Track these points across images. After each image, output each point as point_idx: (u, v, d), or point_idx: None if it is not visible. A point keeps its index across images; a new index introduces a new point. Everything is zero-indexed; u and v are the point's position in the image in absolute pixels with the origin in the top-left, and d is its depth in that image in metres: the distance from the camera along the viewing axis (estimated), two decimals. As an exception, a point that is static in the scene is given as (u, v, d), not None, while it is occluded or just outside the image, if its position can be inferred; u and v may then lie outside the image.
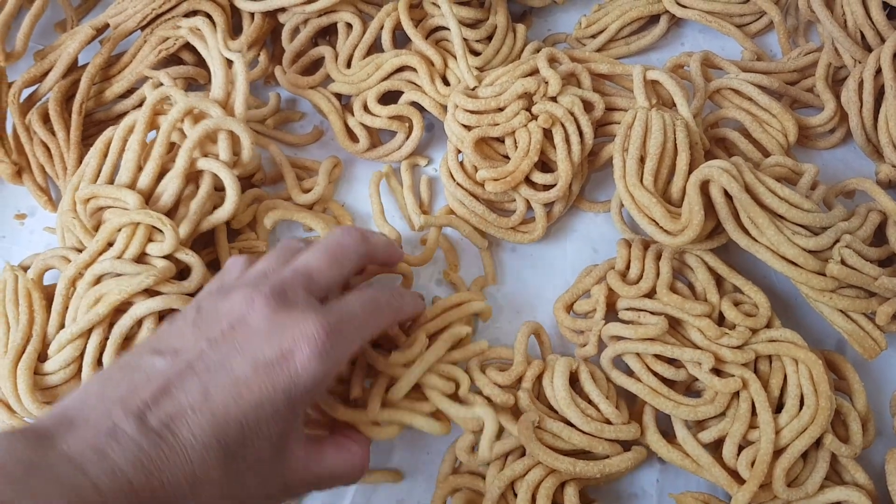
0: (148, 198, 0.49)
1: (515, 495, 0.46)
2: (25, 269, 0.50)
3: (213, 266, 0.52)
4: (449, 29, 0.58)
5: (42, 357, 0.47)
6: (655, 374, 0.49)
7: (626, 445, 0.48)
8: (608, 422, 0.47)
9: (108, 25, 0.59)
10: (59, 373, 0.47)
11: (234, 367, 0.35)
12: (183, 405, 0.34)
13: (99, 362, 0.47)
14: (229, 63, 0.53)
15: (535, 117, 0.54)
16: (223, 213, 0.50)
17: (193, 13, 0.60)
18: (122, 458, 0.31)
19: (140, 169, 0.50)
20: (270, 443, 0.35)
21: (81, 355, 0.47)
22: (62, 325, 0.48)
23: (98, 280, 0.48)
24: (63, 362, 0.46)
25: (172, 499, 0.32)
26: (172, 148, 0.51)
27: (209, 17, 0.60)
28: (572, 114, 0.54)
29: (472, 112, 0.54)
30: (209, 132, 0.50)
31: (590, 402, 0.48)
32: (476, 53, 0.61)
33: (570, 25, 0.65)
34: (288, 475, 0.38)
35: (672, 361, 0.49)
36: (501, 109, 0.54)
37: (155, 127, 0.52)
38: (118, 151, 0.52)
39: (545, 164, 0.56)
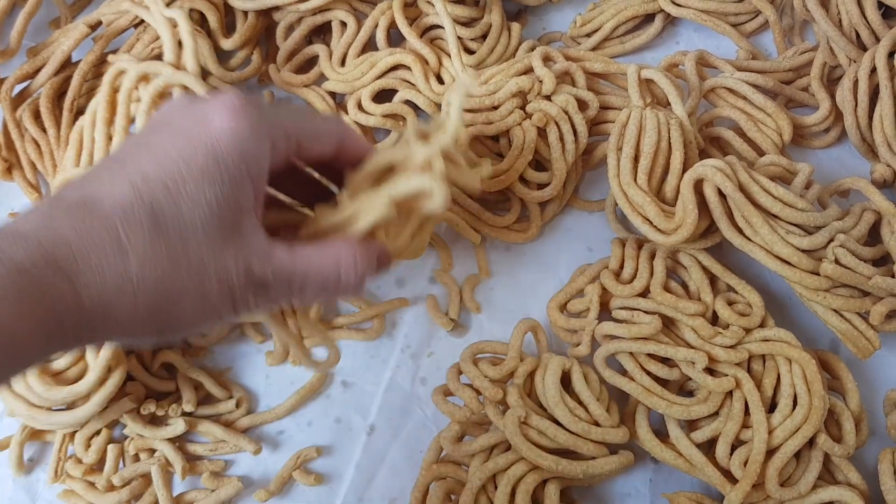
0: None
1: (496, 488, 0.46)
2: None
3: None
4: (443, 27, 0.58)
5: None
6: (649, 373, 0.49)
7: (614, 448, 0.48)
8: (597, 423, 0.47)
9: (101, 23, 0.59)
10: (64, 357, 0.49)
11: (154, 142, 0.34)
12: (102, 178, 0.33)
13: None
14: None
15: (529, 116, 0.54)
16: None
17: (187, 11, 0.60)
18: (32, 224, 0.31)
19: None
20: (210, 209, 0.33)
21: None
22: None
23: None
24: None
25: (97, 263, 0.31)
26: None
27: (202, 14, 0.60)
28: (566, 112, 0.54)
29: (466, 110, 0.54)
30: (161, 90, 0.50)
31: (580, 402, 0.48)
32: (471, 52, 0.60)
33: (565, 24, 0.65)
34: (252, 259, 0.34)
35: (665, 361, 0.49)
36: (496, 108, 0.54)
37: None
38: (92, 139, 0.52)
39: (539, 163, 0.56)
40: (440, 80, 0.59)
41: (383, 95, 0.59)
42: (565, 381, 0.49)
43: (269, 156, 0.35)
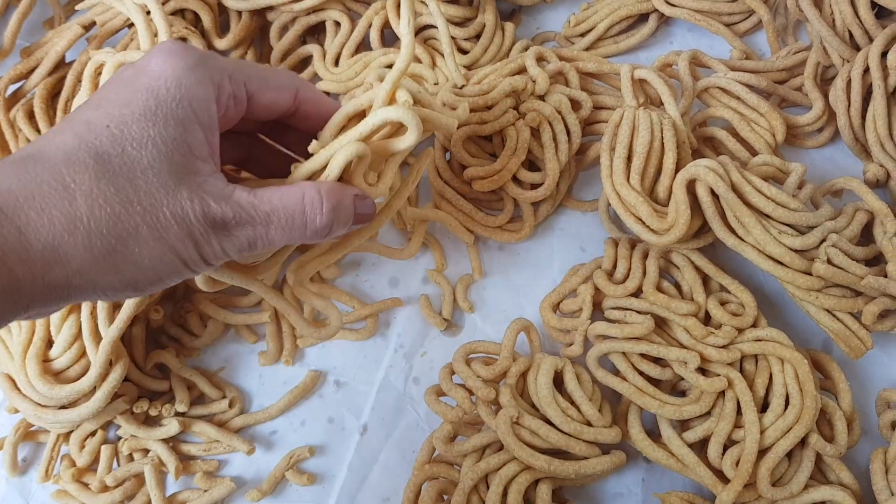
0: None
1: (488, 487, 0.46)
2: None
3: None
4: (437, 27, 0.58)
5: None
6: (641, 373, 0.49)
7: (606, 448, 0.48)
8: (589, 423, 0.47)
9: (94, 23, 0.59)
10: (64, 356, 0.49)
11: (98, 95, 0.34)
12: (48, 135, 0.33)
13: (97, 334, 0.48)
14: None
15: (522, 116, 0.54)
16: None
17: (180, 11, 0.60)
18: None
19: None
20: (157, 149, 0.33)
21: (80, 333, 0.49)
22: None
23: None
24: (65, 342, 0.48)
25: (43, 206, 0.31)
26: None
27: (196, 14, 0.60)
28: (560, 112, 0.54)
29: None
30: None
31: (573, 402, 0.48)
32: (464, 52, 0.60)
33: (558, 24, 0.65)
34: (208, 199, 0.34)
35: (658, 360, 0.49)
36: (489, 107, 0.54)
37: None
38: None
39: (532, 163, 0.56)
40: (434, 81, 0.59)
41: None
42: (558, 381, 0.49)
43: (217, 100, 0.35)
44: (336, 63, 0.60)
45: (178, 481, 0.51)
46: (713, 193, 0.48)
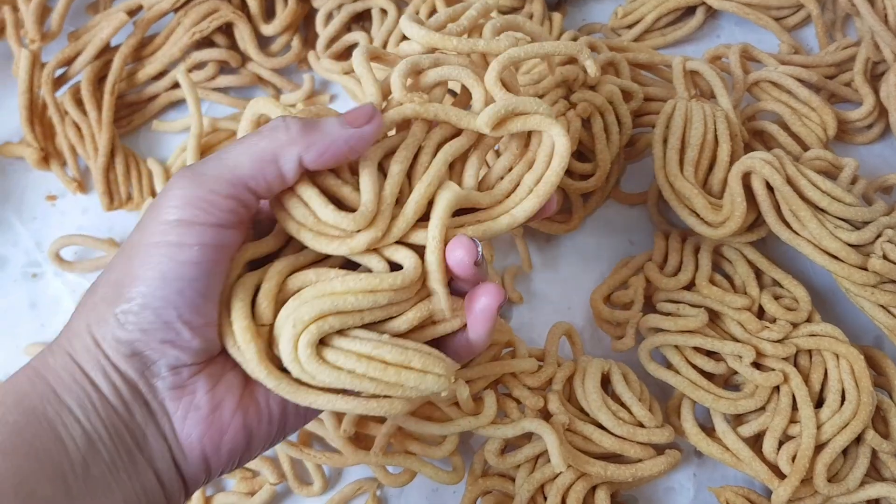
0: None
1: (545, 498, 0.46)
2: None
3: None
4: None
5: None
6: (694, 366, 0.48)
7: (659, 447, 0.47)
8: (641, 425, 0.47)
9: (141, 7, 0.58)
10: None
11: None
12: None
13: None
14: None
15: (573, 106, 0.53)
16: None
17: (229, -4, 0.60)
18: None
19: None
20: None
21: None
22: None
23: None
24: None
25: None
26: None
27: (243, 1, 0.60)
28: (612, 103, 0.53)
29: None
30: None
31: (622, 404, 0.47)
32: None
33: (604, 15, 0.65)
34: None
35: (711, 354, 0.49)
36: (540, 97, 0.54)
37: None
38: None
39: (582, 154, 0.55)
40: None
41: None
42: (604, 384, 0.48)
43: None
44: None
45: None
46: (768, 186, 0.48)
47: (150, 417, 0.31)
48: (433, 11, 0.59)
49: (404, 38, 0.59)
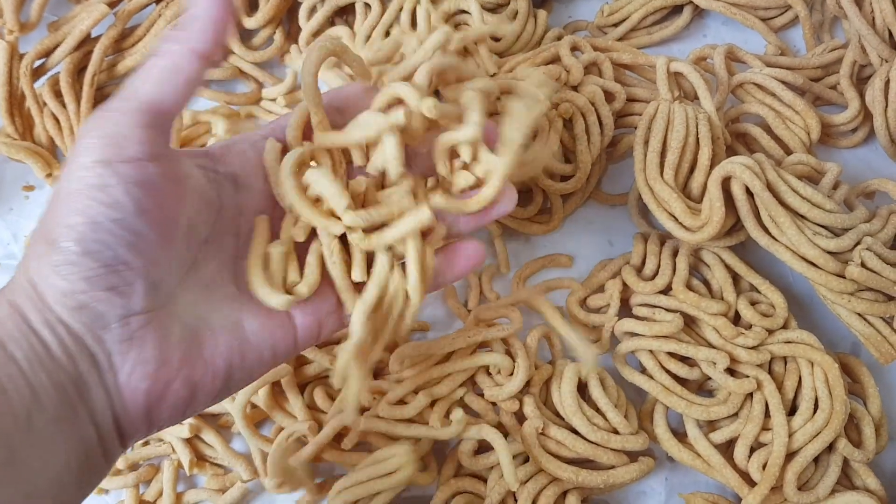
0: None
1: (516, 501, 0.46)
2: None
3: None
4: (470, 13, 0.57)
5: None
6: (668, 371, 0.48)
7: (633, 454, 0.47)
8: (616, 431, 0.47)
9: (121, -2, 0.58)
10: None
11: None
12: None
13: None
14: None
15: (555, 106, 0.53)
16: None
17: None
18: None
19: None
20: None
21: None
22: None
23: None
24: None
25: None
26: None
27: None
28: (593, 104, 0.53)
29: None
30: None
31: (598, 409, 0.47)
32: (496, 39, 0.59)
33: (590, 13, 0.64)
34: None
35: (685, 360, 0.49)
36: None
37: None
38: None
39: (563, 155, 0.55)
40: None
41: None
42: (580, 386, 0.48)
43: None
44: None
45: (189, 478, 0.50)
46: (748, 191, 0.47)
47: (94, 369, 0.30)
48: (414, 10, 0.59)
49: (387, 33, 0.59)
